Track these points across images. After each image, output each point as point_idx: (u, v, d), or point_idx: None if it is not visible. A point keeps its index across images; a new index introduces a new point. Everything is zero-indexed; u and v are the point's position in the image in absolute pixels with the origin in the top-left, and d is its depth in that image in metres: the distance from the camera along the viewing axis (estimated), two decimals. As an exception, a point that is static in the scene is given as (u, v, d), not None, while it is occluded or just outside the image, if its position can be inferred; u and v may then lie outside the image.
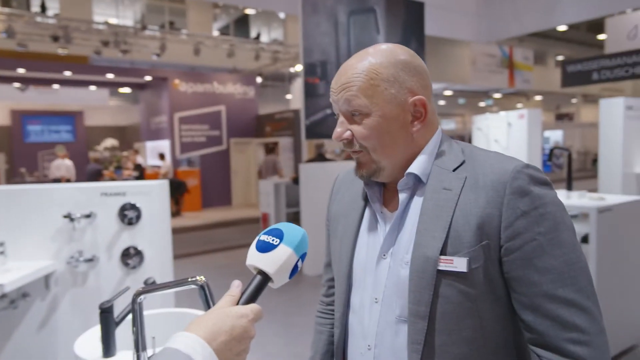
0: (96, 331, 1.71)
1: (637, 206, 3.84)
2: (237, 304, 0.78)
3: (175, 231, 9.98)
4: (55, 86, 14.38)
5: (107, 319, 1.50)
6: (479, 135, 7.48)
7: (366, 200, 1.06)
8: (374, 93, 0.93)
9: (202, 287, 1.13)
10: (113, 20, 12.39)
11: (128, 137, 18.20)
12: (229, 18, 15.58)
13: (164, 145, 12.90)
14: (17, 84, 13.84)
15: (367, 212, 1.05)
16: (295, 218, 6.40)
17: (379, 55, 0.95)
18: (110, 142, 18.22)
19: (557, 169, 16.42)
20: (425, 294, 0.88)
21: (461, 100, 23.79)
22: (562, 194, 4.29)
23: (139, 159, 12.58)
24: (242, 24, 15.48)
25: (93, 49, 11.00)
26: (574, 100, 25.98)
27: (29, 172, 14.68)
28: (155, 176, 11.48)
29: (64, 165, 11.17)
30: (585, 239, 3.46)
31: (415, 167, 0.95)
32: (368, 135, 0.96)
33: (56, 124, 16.50)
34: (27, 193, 2.99)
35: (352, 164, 1.07)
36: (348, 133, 0.97)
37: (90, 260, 2.95)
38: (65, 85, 14.24)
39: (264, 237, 0.81)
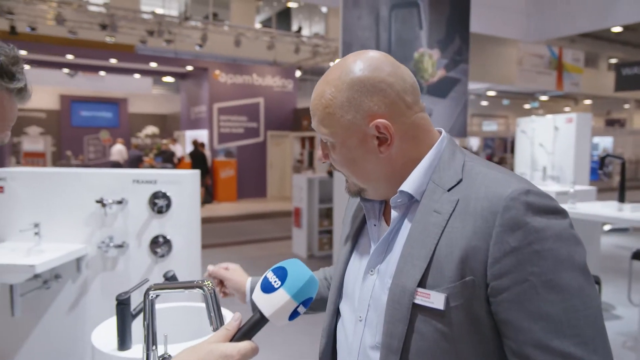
0: (114, 322, 1.70)
1: (694, 222, 3.56)
2: (232, 340, 0.73)
3: (210, 220, 10.16)
4: (102, 73, 14.84)
5: (124, 311, 1.47)
6: (523, 139, 7.19)
7: None
8: (330, 122, 0.86)
9: (205, 295, 1.09)
10: (159, 10, 12.63)
11: (169, 125, 18.62)
12: (272, 11, 15.63)
13: (202, 134, 13.10)
14: (66, 70, 14.36)
15: (366, 224, 0.99)
16: (327, 214, 6.34)
17: (337, 75, 0.85)
18: (151, 129, 18.71)
19: (605, 177, 15.68)
20: (399, 327, 0.79)
21: (505, 102, 23.07)
22: (612, 206, 4.04)
23: (174, 147, 12.83)
24: (284, 17, 15.49)
25: (139, 38, 11.25)
26: (626, 106, 24.73)
27: (74, 155, 15.25)
28: (188, 165, 11.66)
29: (118, 149, 11.78)
30: (637, 255, 3.23)
31: (409, 185, 0.85)
32: (338, 163, 0.90)
33: (101, 110, 17.05)
34: (62, 176, 3.04)
35: None
36: (324, 158, 0.93)
37: (120, 246, 2.98)
38: (111, 72, 14.66)
39: (269, 275, 0.77)
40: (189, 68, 13.40)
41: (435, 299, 0.76)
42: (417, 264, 0.79)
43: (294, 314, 0.74)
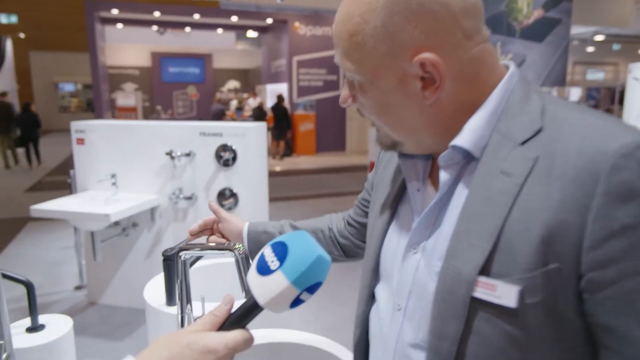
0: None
1: None
2: (220, 328, 0.58)
3: (289, 173, 10.29)
4: (187, 29, 15.23)
5: (170, 268, 1.43)
6: (636, 87, 6.27)
7: None
8: (359, 55, 0.64)
9: (236, 259, 0.98)
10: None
11: (251, 80, 18.91)
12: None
13: (282, 88, 13.11)
14: (155, 28, 14.93)
15: (408, 188, 0.77)
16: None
17: None
18: (233, 84, 19.13)
19: None
20: (452, 326, 0.60)
21: (616, 47, 20.50)
22: None
23: (253, 101, 12.97)
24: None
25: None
26: None
27: (164, 109, 16.08)
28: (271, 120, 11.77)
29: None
30: None
31: (465, 138, 0.63)
32: (367, 109, 0.68)
33: (188, 66, 17.67)
34: (135, 129, 3.10)
35: None
36: (350, 101, 0.70)
37: (189, 198, 3.01)
38: (196, 28, 15.00)
39: (267, 252, 0.59)
40: (269, 21, 13.30)
41: (503, 293, 0.56)
42: (477, 244, 0.58)
43: (296, 302, 0.57)
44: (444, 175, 0.65)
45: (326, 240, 1.08)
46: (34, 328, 1.38)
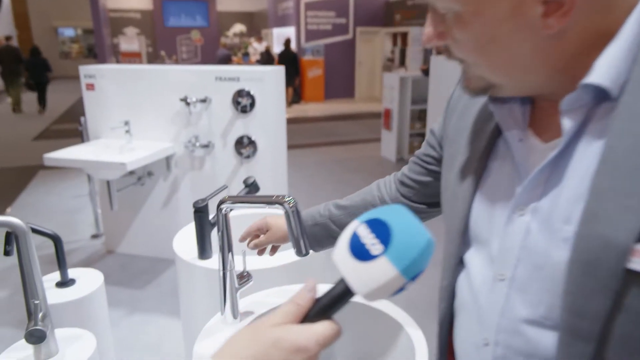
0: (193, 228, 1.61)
1: None
2: (304, 319, 0.48)
3: (297, 121, 10.11)
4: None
5: (201, 219, 1.35)
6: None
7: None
8: None
9: (286, 214, 0.88)
10: None
11: (256, 23, 18.25)
12: None
13: (289, 32, 12.64)
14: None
15: (501, 139, 0.65)
16: (419, 116, 5.91)
17: None
18: (239, 27, 18.50)
19: None
20: (597, 302, 0.50)
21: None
22: None
23: (258, 46, 12.56)
24: None
25: None
26: None
27: (167, 55, 15.66)
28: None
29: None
30: None
31: (600, 73, 0.51)
32: (464, 46, 0.56)
33: (191, 9, 17.01)
34: (148, 73, 2.95)
35: None
36: (436, 41, 0.58)
37: (206, 146, 2.91)
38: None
39: (362, 231, 0.48)
40: (275, -41, 12.63)
41: None
42: (631, 204, 0.47)
43: (397, 291, 0.47)
44: (567, 123, 0.53)
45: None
46: (64, 283, 1.32)
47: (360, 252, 0.46)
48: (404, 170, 0.95)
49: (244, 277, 1.10)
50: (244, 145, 2.85)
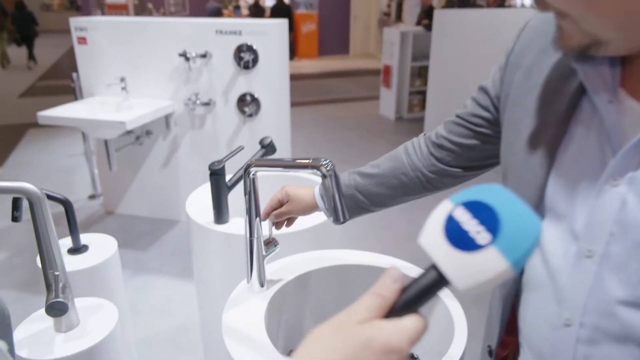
0: (207, 190, 1.54)
1: None
2: (390, 313, 0.42)
3: (291, 78, 9.89)
4: None
5: (218, 182, 1.28)
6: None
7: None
8: None
9: (323, 178, 0.81)
10: None
11: (247, -26, 17.54)
12: None
13: (282, -16, 12.16)
14: None
15: (584, 101, 0.58)
16: (419, 73, 5.77)
17: None
18: (229, -21, 17.75)
19: None
20: None
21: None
22: None
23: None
24: None
25: None
26: None
27: (155, 7, 15.04)
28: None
29: None
30: None
31: None
32: None
33: (178, -42, 16.23)
34: (143, 26, 2.80)
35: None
36: None
37: (207, 104, 2.80)
38: None
39: (461, 215, 0.41)
40: None
41: None
42: None
43: None
44: None
45: (412, 183, 0.90)
46: (77, 249, 1.26)
47: (461, 240, 0.40)
48: (441, 132, 0.87)
49: (271, 243, 1.04)
50: (247, 103, 2.75)
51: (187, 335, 2.13)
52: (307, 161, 0.87)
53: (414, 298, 0.43)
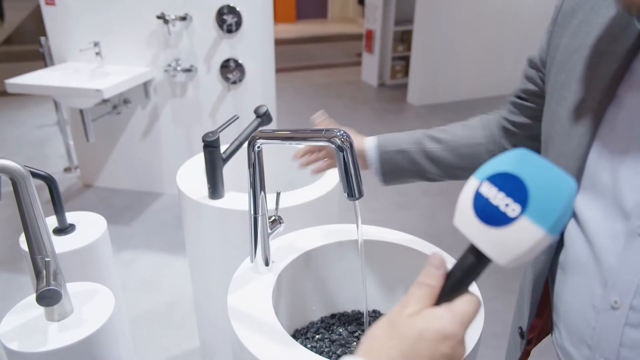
0: (198, 162, 1.45)
1: None
2: (439, 299, 0.41)
3: (269, 43, 9.61)
4: None
5: (213, 155, 1.20)
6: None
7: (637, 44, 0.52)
8: None
9: (338, 150, 0.74)
10: None
11: None
12: None
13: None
14: None
15: (636, 63, 0.53)
16: (402, 38, 5.65)
17: None
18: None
19: None
20: None
21: None
22: None
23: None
24: None
25: None
26: None
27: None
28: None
29: None
30: None
31: None
32: None
33: None
34: (116, -14, 2.61)
35: None
36: None
37: (188, 70, 2.66)
38: None
39: (487, 190, 0.40)
40: None
41: None
42: None
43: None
44: None
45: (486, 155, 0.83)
46: (63, 229, 1.17)
47: (492, 216, 0.39)
48: (504, 115, 0.81)
49: (276, 220, 0.98)
50: (231, 70, 2.62)
51: (178, 311, 2.08)
52: (319, 132, 0.80)
53: (460, 280, 0.42)
